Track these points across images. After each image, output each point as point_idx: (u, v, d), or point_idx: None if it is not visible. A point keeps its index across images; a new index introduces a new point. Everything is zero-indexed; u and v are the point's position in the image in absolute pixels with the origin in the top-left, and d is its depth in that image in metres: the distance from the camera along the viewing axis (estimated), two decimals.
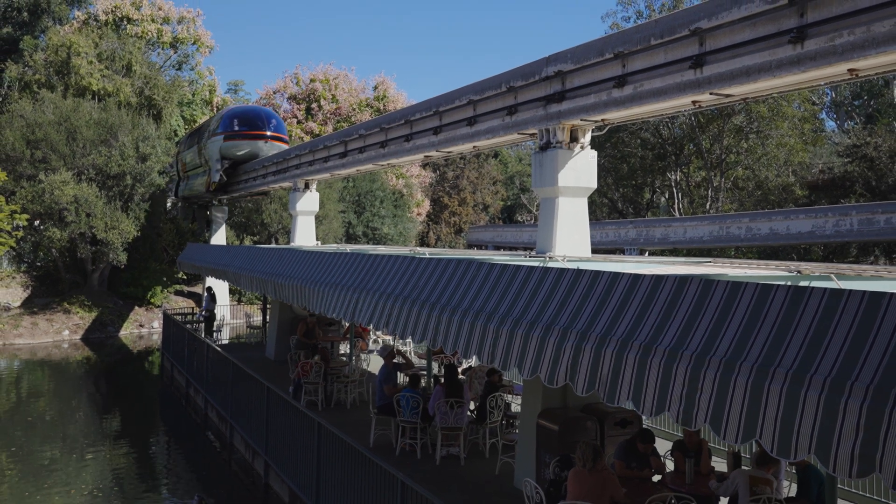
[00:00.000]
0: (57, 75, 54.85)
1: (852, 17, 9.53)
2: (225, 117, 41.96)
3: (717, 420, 5.91)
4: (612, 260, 13.76)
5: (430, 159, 24.27)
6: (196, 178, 46.63)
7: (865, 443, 4.79)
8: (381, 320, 12.37)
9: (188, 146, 48.77)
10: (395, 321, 11.80)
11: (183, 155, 49.85)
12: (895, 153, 49.73)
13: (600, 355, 7.19)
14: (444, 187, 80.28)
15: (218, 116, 43.31)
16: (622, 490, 9.39)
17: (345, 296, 14.09)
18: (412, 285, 11.64)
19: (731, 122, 55.48)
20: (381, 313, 12.35)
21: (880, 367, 4.93)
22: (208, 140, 42.41)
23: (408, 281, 11.91)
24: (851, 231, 40.20)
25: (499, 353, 8.93)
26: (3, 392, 31.80)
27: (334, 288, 14.72)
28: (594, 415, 12.32)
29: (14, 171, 43.59)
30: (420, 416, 15.05)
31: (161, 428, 27.05)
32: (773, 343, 5.74)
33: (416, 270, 11.90)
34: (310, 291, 16.28)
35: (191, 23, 69.20)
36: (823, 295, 5.62)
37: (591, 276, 8.04)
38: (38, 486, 18.79)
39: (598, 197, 64.84)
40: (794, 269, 9.53)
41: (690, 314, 6.61)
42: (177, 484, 20.41)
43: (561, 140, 15.20)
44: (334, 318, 18.80)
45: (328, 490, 13.24)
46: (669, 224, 50.81)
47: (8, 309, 44.35)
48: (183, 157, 49.84)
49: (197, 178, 46.36)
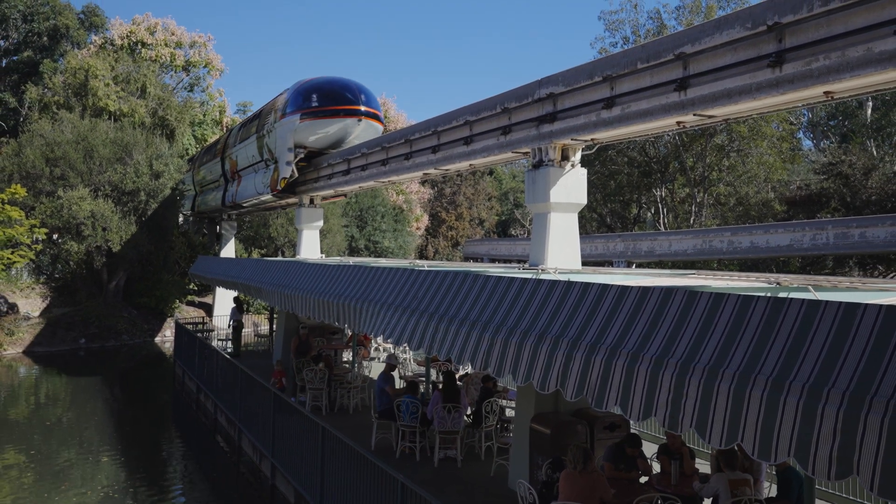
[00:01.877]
0: (75, 97, 54.98)
1: (827, 42, 9.56)
2: (297, 93, 30.69)
3: (702, 424, 5.91)
4: (601, 272, 13.75)
5: (428, 176, 24.24)
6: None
7: (842, 446, 4.79)
8: (382, 329, 12.37)
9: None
10: (395, 330, 11.80)
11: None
12: (869, 171, 49.81)
13: (590, 363, 7.19)
14: (441, 203, 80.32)
15: (286, 94, 31.76)
16: (611, 491, 9.38)
17: (347, 306, 14.08)
18: (411, 296, 11.64)
19: (713, 142, 55.61)
20: (382, 322, 12.34)
21: (855, 374, 4.93)
22: (275, 124, 31.49)
23: (407, 292, 11.91)
24: (827, 244, 40.25)
25: (493, 361, 8.94)
26: (22, 397, 31.71)
27: (338, 298, 14.71)
28: (584, 419, 12.31)
29: (34, 188, 43.69)
30: (419, 420, 15.07)
31: (173, 432, 26.96)
32: (754, 351, 5.74)
33: (415, 282, 11.89)
34: (314, 302, 16.27)
35: (202, 47, 69.38)
36: (801, 306, 5.63)
37: (581, 288, 8.04)
38: (55, 487, 18.73)
39: (587, 212, 64.90)
40: (773, 280, 9.54)
41: (675, 324, 6.61)
42: (188, 485, 20.33)
43: (553, 158, 15.23)
44: (337, 327, 18.82)
45: (332, 491, 13.20)
46: (655, 238, 50.83)
47: (28, 318, 44.25)
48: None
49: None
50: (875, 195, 48.12)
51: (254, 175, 35.09)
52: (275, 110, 31.94)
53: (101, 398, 32.02)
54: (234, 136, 40.64)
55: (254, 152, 34.72)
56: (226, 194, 40.57)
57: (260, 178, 33.69)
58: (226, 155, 40.51)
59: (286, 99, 31.01)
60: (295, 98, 30.34)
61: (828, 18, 9.46)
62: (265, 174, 32.89)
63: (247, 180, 37.51)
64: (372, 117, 29.45)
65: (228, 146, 41.14)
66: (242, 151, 36.70)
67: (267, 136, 32.35)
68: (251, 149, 35.00)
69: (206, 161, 46.32)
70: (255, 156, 34.80)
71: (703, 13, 57.15)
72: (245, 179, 37.70)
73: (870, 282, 10.24)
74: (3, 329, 41.27)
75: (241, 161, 37.35)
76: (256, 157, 34.56)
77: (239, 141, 39.06)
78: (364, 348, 25.83)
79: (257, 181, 34.15)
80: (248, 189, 35.84)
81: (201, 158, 48.91)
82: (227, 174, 40.49)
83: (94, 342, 44.03)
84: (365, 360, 25.69)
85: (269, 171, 32.41)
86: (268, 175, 32.44)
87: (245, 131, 37.95)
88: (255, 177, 34.68)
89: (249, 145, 35.51)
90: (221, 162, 41.78)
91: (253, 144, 34.72)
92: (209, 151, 47.13)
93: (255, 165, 35.13)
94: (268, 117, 32.80)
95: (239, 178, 38.21)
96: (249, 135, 35.66)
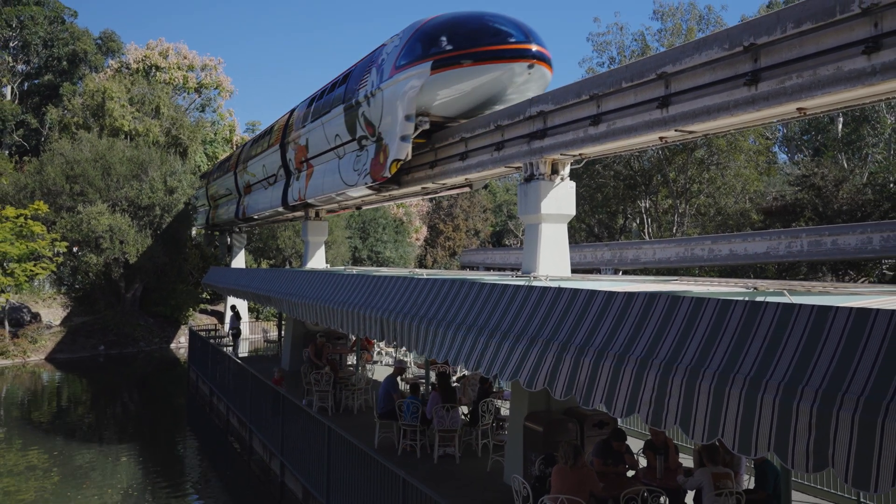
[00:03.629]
0: (93, 117, 55.07)
1: (800, 62, 9.60)
2: (419, 36, 19.18)
3: (685, 421, 5.92)
4: (590, 279, 13.75)
5: (426, 191, 24.15)
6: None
7: (818, 441, 4.81)
8: (384, 334, 12.38)
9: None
10: (396, 334, 11.82)
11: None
12: (840, 182, 49.93)
13: (579, 364, 7.20)
14: (439, 215, 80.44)
15: (396, 41, 20.40)
16: (600, 484, 9.39)
17: (351, 312, 14.08)
18: (411, 303, 11.65)
19: (694, 156, 55.69)
20: (384, 327, 12.36)
21: (828, 372, 4.94)
22: (382, 85, 20.30)
23: (407, 299, 11.92)
24: (802, 252, 40.32)
25: (485, 362, 8.97)
26: (45, 401, 31.63)
27: (342, 305, 14.72)
28: (575, 417, 12.31)
29: (55, 204, 43.71)
30: (419, 419, 15.08)
31: (188, 433, 26.90)
32: (733, 352, 5.75)
33: (414, 289, 11.90)
34: (320, 309, 16.27)
35: (213, 70, 69.53)
36: (777, 309, 5.64)
37: (571, 294, 8.06)
38: (77, 485, 18.69)
39: (576, 222, 64.93)
40: (750, 285, 9.54)
41: (659, 327, 6.62)
42: (202, 483, 20.29)
43: (543, 172, 15.25)
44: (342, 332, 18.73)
45: (337, 487, 13.18)
46: (640, 247, 50.84)
47: (50, 327, 44.18)
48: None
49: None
50: (846, 205, 48.25)
51: (335, 163, 24.55)
52: (375, 67, 21.08)
53: (120, 401, 31.98)
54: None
55: (339, 130, 23.35)
56: (288, 191, 30.19)
57: (349, 164, 22.58)
58: (287, 141, 29.60)
59: (398, 47, 19.86)
60: (415, 44, 19.07)
61: (800, 39, 9.50)
62: (358, 159, 21.82)
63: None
64: (545, 62, 18.03)
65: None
66: (316, 134, 26.18)
67: (365, 105, 21.20)
68: (336, 126, 23.55)
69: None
70: (339, 136, 23.41)
71: (683, 35, 57.33)
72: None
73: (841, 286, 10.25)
74: (27, 337, 41.22)
75: (313, 147, 26.74)
76: (343, 136, 23.17)
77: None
78: (367, 352, 25.82)
79: (343, 169, 23.64)
80: (326, 183, 25.33)
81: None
82: (289, 166, 30.00)
83: (112, 349, 43.96)
84: (368, 363, 25.67)
85: (365, 153, 21.44)
86: (364, 159, 21.33)
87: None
88: (340, 164, 24.09)
89: (332, 122, 24.33)
90: (283, 154, 30.49)
91: (337, 120, 23.27)
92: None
93: (337, 149, 23.82)
94: (362, 80, 22.04)
95: (310, 168, 27.47)
96: (327, 109, 24.65)
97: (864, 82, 8.73)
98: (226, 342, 34.58)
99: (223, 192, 42.92)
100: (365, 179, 21.42)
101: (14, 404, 30.33)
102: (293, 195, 29.28)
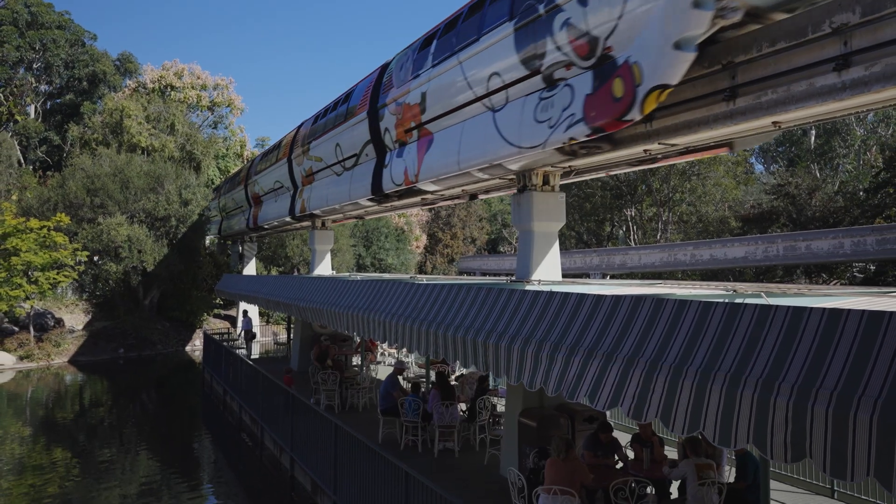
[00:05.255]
0: (112, 134, 55.13)
1: (775, 78, 9.61)
2: None
3: (666, 415, 5.94)
4: (579, 283, 13.76)
5: (426, 202, 24.09)
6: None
7: (794, 433, 4.83)
8: (387, 335, 12.40)
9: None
10: (398, 336, 11.84)
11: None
12: (813, 191, 50.07)
13: (569, 362, 7.22)
14: (438, 224, 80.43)
15: None
16: (590, 475, 9.39)
17: (356, 315, 14.09)
18: (412, 306, 11.66)
19: (676, 167, 55.77)
20: (387, 329, 12.37)
21: (803, 369, 4.96)
22: None
23: (408, 303, 11.93)
24: (778, 256, 40.43)
25: (479, 361, 9.02)
26: (68, 401, 31.57)
27: (347, 309, 14.73)
28: (566, 413, 12.31)
29: (77, 216, 43.75)
30: (420, 416, 15.09)
31: (203, 430, 26.86)
32: (714, 350, 5.78)
33: (415, 294, 11.92)
34: (327, 312, 16.28)
35: (224, 89, 69.52)
36: (755, 310, 5.67)
37: (562, 297, 8.08)
38: (98, 480, 18.66)
39: (566, 230, 65.00)
40: (730, 288, 9.56)
41: (645, 327, 6.64)
42: (217, 476, 20.27)
43: (535, 184, 15.24)
44: (347, 334, 18.71)
45: (344, 480, 13.17)
46: (627, 252, 50.90)
47: (72, 331, 44.12)
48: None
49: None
50: (818, 212, 48.37)
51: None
52: None
53: (139, 401, 31.93)
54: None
55: (506, 63, 13.43)
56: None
57: (522, 112, 13.20)
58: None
59: None
60: None
61: (775, 58, 9.51)
62: (546, 103, 12.34)
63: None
64: None
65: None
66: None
67: (573, 6, 11.31)
68: (500, 53, 13.39)
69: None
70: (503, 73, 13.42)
71: None
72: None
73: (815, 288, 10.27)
74: (51, 341, 41.16)
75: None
76: (511, 73, 13.31)
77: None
78: (371, 353, 25.79)
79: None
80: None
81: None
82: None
83: (131, 352, 43.89)
84: (372, 363, 25.65)
85: (565, 91, 11.80)
86: (565, 99, 11.80)
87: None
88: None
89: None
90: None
91: (505, 45, 13.14)
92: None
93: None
94: None
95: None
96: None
97: (835, 97, 8.74)
98: (238, 344, 34.54)
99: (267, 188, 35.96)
100: (573, 130, 11.47)
101: (39, 404, 30.28)
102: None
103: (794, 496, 12.01)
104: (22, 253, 38.24)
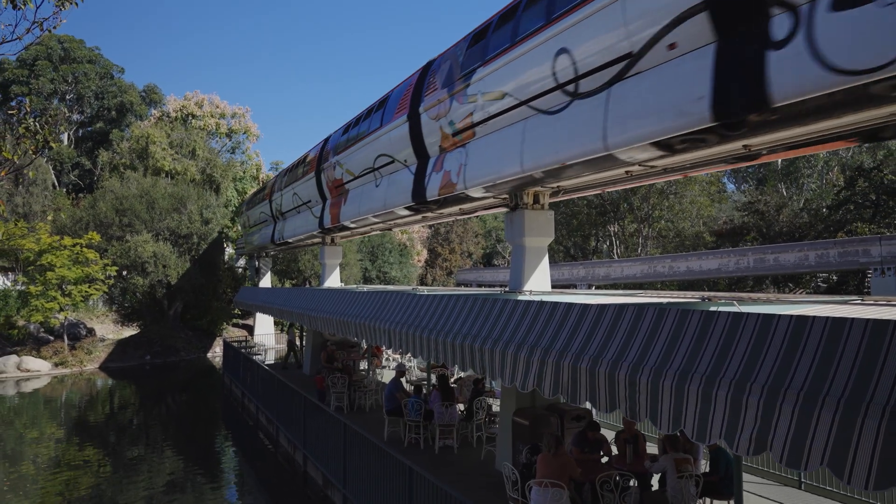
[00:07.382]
0: (138, 159, 55.22)
1: None
2: None
3: (653, 414, 5.97)
4: (568, 293, 13.78)
5: (427, 220, 24.05)
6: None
7: (761, 429, 4.86)
8: (392, 342, 12.41)
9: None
10: (402, 342, 11.86)
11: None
12: (780, 207, 50.21)
13: (560, 367, 7.24)
14: (437, 240, 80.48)
15: None
16: (578, 469, 9.39)
17: (363, 324, 14.10)
18: (415, 315, 11.68)
19: (655, 186, 55.93)
20: (391, 336, 12.39)
21: (772, 371, 4.99)
22: None
23: (411, 311, 11.95)
24: (748, 267, 40.50)
25: (476, 364, 9.04)
26: (99, 405, 31.47)
27: (355, 318, 14.74)
28: (556, 412, 12.30)
29: (106, 234, 43.78)
30: (423, 416, 15.08)
31: (223, 430, 26.75)
32: (691, 354, 5.80)
33: (417, 304, 11.94)
34: (336, 321, 16.28)
35: (241, 117, 69.63)
36: (728, 317, 5.70)
37: (551, 306, 8.10)
38: (127, 476, 18.59)
39: (555, 245, 65.04)
40: (705, 297, 9.59)
41: (627, 333, 6.67)
42: (236, 472, 20.20)
43: (526, 202, 15.28)
44: (355, 341, 18.68)
45: (353, 475, 13.14)
46: (610, 265, 50.95)
47: (103, 340, 44.04)
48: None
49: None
50: (785, 227, 48.48)
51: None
52: None
53: (164, 404, 31.83)
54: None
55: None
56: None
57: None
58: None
59: None
60: None
61: None
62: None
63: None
64: None
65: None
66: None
67: None
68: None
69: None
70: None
71: None
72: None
73: (783, 297, 10.30)
74: (83, 349, 41.07)
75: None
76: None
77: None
78: (377, 358, 25.77)
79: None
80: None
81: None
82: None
83: (157, 358, 43.78)
84: (378, 367, 25.62)
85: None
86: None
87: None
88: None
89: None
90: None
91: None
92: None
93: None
94: None
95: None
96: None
97: None
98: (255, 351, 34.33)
99: None
100: None
101: (72, 407, 30.17)
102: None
103: (765, 487, 12.00)
104: (56, 268, 38.29)
